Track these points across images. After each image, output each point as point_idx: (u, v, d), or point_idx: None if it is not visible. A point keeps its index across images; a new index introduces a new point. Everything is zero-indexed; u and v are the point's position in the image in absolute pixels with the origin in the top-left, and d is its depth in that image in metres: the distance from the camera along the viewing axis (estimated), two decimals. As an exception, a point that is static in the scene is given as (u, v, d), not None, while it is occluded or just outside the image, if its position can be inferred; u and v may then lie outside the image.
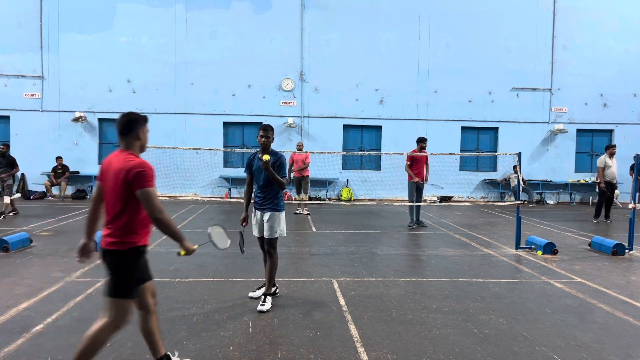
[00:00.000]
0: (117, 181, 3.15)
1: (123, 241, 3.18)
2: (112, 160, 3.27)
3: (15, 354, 3.86)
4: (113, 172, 3.18)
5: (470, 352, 4.05)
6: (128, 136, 3.27)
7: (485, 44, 17.93)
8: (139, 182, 3.09)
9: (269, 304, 5.08)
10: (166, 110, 17.48)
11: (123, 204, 3.16)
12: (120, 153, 3.27)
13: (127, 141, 3.28)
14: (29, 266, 6.70)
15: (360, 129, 18.16)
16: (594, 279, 6.57)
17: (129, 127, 3.27)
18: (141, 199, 3.11)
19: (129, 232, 3.19)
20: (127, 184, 3.11)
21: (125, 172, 3.11)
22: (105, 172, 3.28)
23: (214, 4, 17.45)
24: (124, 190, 3.13)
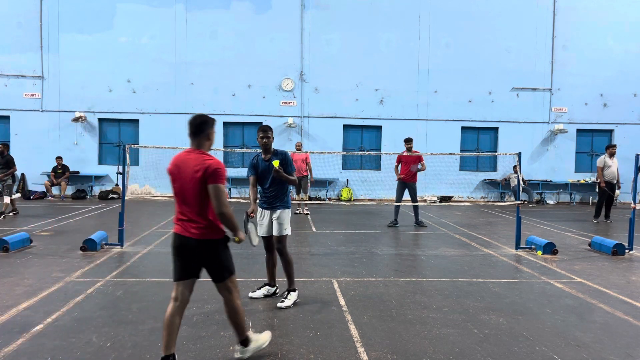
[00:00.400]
0: (196, 178, 3.46)
1: (217, 231, 3.57)
2: (185, 158, 3.58)
3: (15, 354, 3.86)
4: (191, 170, 3.50)
5: (470, 352, 4.05)
6: (199, 136, 3.61)
7: (485, 44, 17.93)
8: (214, 178, 3.44)
9: (290, 301, 5.13)
10: (166, 110, 17.48)
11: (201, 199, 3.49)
12: (192, 152, 3.60)
13: (199, 141, 3.62)
14: (29, 266, 6.70)
15: (360, 129, 18.16)
16: (594, 279, 6.57)
17: (201, 128, 3.60)
18: (211, 193, 3.44)
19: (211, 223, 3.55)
20: (204, 180, 3.44)
21: (203, 169, 3.44)
22: (179, 169, 3.59)
23: (214, 4, 17.45)
24: (202, 185, 3.46)
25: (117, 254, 7.60)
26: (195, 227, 3.52)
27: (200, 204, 3.51)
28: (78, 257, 7.31)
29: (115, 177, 17.41)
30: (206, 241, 3.54)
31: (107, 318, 4.69)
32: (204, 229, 3.52)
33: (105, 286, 5.78)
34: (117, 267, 6.71)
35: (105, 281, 5.99)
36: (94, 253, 7.57)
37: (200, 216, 3.53)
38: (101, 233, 8.20)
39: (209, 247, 3.57)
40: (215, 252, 3.59)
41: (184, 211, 3.59)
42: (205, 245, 3.55)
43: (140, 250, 7.90)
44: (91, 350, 3.94)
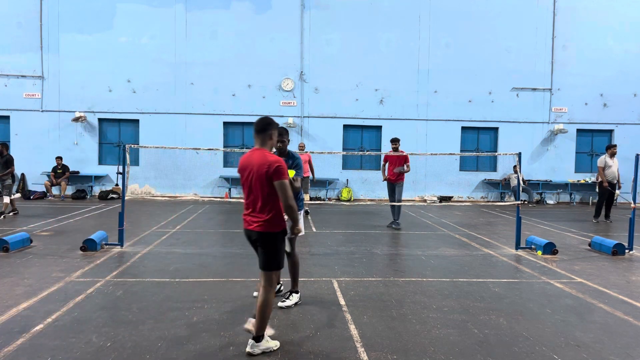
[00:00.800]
0: (261, 175, 3.83)
1: (276, 224, 3.90)
2: (250, 157, 3.96)
3: (15, 354, 3.86)
4: (256, 168, 3.86)
5: (470, 352, 4.05)
6: (263, 135, 4.00)
7: (485, 44, 17.93)
8: (278, 175, 3.79)
9: (291, 302, 5.15)
10: (166, 110, 17.48)
11: (270, 194, 3.86)
12: (256, 150, 3.98)
13: (262, 138, 4.00)
14: (29, 266, 6.70)
15: (360, 129, 18.16)
16: (594, 279, 6.57)
17: (265, 127, 4.00)
18: (278, 188, 3.82)
19: (279, 217, 3.92)
20: (269, 177, 3.80)
21: (267, 166, 3.79)
22: (246, 167, 3.96)
23: (214, 4, 17.45)
24: (269, 182, 3.82)
25: (117, 254, 7.60)
26: (257, 221, 3.91)
27: (263, 199, 3.87)
28: (78, 257, 7.31)
29: (115, 177, 17.41)
30: (263, 233, 3.90)
31: (107, 318, 4.69)
32: (264, 223, 3.88)
33: (105, 286, 5.78)
34: (117, 267, 6.71)
35: (105, 281, 5.99)
36: (94, 253, 7.57)
37: (262, 211, 3.89)
38: (101, 233, 8.20)
39: (268, 239, 3.92)
40: (272, 244, 3.94)
41: (248, 206, 3.99)
42: (265, 237, 3.91)
43: (140, 250, 7.90)
44: (91, 350, 3.93)
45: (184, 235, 9.48)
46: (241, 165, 4.04)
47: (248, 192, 3.96)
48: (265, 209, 3.88)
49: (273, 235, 3.91)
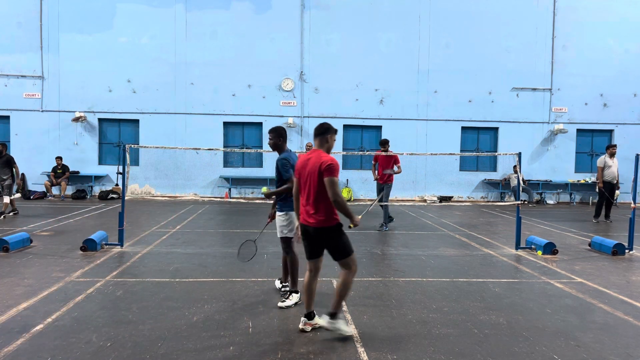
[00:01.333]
0: (315, 173, 4.21)
1: (330, 219, 4.25)
2: (308, 157, 4.35)
3: (15, 354, 3.86)
4: (312, 167, 4.24)
5: (470, 352, 4.05)
6: (320, 137, 4.41)
7: (485, 44, 17.93)
8: (328, 172, 4.15)
9: (290, 302, 5.17)
10: (166, 110, 17.48)
11: (322, 191, 4.19)
12: (314, 152, 4.36)
13: (320, 141, 4.41)
14: (29, 266, 6.70)
15: (360, 129, 18.16)
16: (594, 279, 6.57)
17: (324, 131, 4.41)
18: (327, 184, 4.14)
19: (332, 212, 4.25)
20: (321, 174, 4.17)
21: (319, 165, 4.19)
22: (305, 167, 4.32)
23: (214, 4, 17.45)
24: (320, 179, 4.18)
25: (117, 254, 7.60)
26: (313, 217, 4.26)
27: (318, 196, 4.23)
28: (78, 257, 7.31)
29: (115, 177, 17.41)
30: (320, 229, 4.26)
31: (107, 318, 4.69)
32: (319, 218, 4.23)
33: (105, 286, 5.78)
34: (117, 267, 6.71)
35: (105, 281, 5.99)
36: (94, 253, 7.57)
37: (317, 207, 4.24)
38: (101, 233, 8.20)
39: (324, 234, 4.29)
40: (330, 238, 4.30)
41: (305, 203, 4.34)
42: (321, 232, 4.28)
43: (140, 250, 7.90)
44: (91, 350, 3.94)
45: (184, 235, 9.48)
46: (300, 165, 4.41)
47: (307, 190, 4.31)
48: (320, 205, 4.23)
49: (329, 229, 4.26)
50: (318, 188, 4.21)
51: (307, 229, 4.35)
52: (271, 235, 9.57)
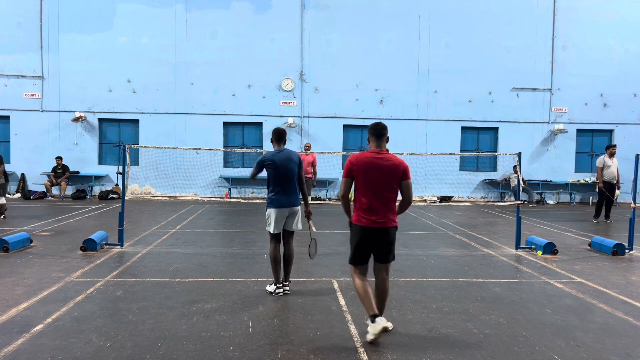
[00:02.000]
0: (391, 174, 4.24)
1: (395, 220, 4.35)
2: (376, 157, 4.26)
3: (15, 354, 3.86)
4: (386, 168, 4.22)
5: (470, 352, 4.05)
6: (382, 139, 4.36)
7: (485, 44, 17.93)
8: (407, 175, 4.30)
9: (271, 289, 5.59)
10: (166, 110, 17.48)
11: (396, 191, 4.28)
12: (378, 152, 4.31)
13: (381, 142, 4.37)
14: (29, 266, 6.70)
15: (360, 129, 18.15)
16: (594, 279, 6.57)
17: (384, 132, 4.36)
18: (407, 187, 4.31)
19: (395, 213, 4.35)
20: (400, 177, 4.25)
21: (398, 167, 4.24)
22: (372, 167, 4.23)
23: (214, 4, 17.45)
24: (397, 182, 4.25)
25: (117, 254, 7.60)
26: (384, 217, 4.25)
27: (392, 197, 4.29)
28: (78, 257, 7.31)
29: (115, 177, 17.41)
30: (390, 229, 4.30)
31: (107, 318, 4.69)
32: (392, 217, 4.30)
33: (105, 286, 5.78)
34: (117, 267, 6.71)
35: (105, 281, 5.99)
36: (94, 253, 7.57)
37: (391, 208, 4.29)
38: (101, 233, 8.20)
39: (392, 235, 4.33)
40: (393, 238, 4.36)
41: (377, 204, 4.25)
42: (390, 233, 4.31)
43: (140, 250, 7.91)
44: (91, 350, 3.93)
45: (184, 235, 9.48)
46: (364, 166, 4.26)
47: (374, 192, 4.24)
48: (393, 205, 4.32)
49: (394, 230, 4.35)
50: (394, 190, 4.27)
51: (374, 231, 4.26)
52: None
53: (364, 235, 4.28)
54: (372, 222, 4.25)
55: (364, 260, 4.37)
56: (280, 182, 5.55)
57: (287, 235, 5.75)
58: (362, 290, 4.27)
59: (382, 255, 4.34)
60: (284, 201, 5.55)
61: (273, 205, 5.56)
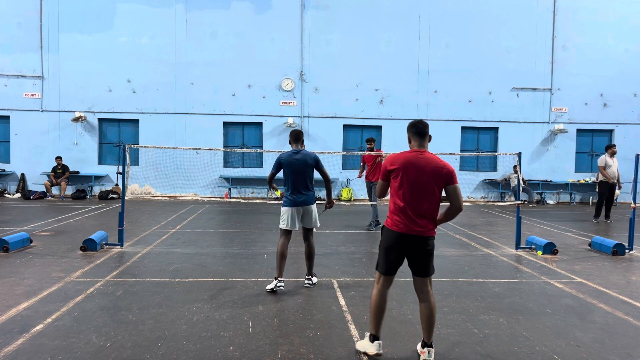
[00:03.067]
0: (435, 177, 3.77)
1: (434, 229, 3.86)
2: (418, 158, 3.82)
3: (15, 354, 3.86)
4: (430, 170, 3.77)
5: (470, 352, 4.05)
6: (425, 138, 3.94)
7: (485, 44, 17.93)
8: (454, 179, 3.82)
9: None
10: (166, 110, 17.48)
11: (439, 197, 3.84)
12: (422, 152, 3.87)
13: (424, 142, 3.94)
14: (29, 266, 6.70)
15: (360, 129, 18.16)
16: (594, 279, 6.57)
17: (426, 130, 3.96)
18: (454, 191, 3.82)
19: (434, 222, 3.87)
20: (446, 181, 3.79)
21: (442, 169, 3.78)
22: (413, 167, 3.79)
23: (214, 4, 17.45)
24: (441, 186, 3.81)
25: (117, 254, 7.60)
26: (425, 225, 3.80)
27: (435, 202, 3.83)
28: (78, 257, 7.31)
29: (115, 177, 17.41)
30: (429, 238, 3.82)
31: (107, 318, 4.69)
32: (430, 226, 3.83)
33: (105, 286, 5.78)
34: (117, 267, 6.71)
35: (105, 281, 5.99)
36: (94, 253, 7.57)
37: (429, 213, 3.82)
38: (101, 233, 8.20)
39: (430, 244, 3.84)
40: (432, 248, 3.87)
41: (414, 209, 3.78)
42: (427, 242, 3.82)
43: (140, 250, 7.91)
44: (91, 350, 3.93)
45: (184, 235, 9.48)
46: (403, 165, 3.81)
47: (418, 193, 3.78)
48: (435, 212, 3.85)
49: (433, 239, 3.88)
50: (439, 195, 3.85)
51: (411, 239, 3.78)
52: (272, 235, 9.60)
53: (399, 242, 3.80)
54: (409, 229, 3.77)
55: (392, 270, 3.91)
56: (293, 181, 5.84)
57: (306, 233, 6.03)
58: (377, 303, 3.88)
59: (421, 267, 3.85)
60: (298, 200, 5.83)
61: (287, 204, 5.85)
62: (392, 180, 3.88)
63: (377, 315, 3.88)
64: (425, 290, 3.90)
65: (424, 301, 3.89)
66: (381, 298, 3.90)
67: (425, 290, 3.90)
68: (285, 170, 5.89)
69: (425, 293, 3.89)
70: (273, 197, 17.32)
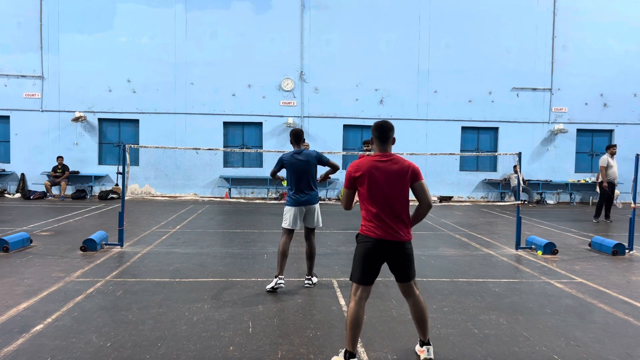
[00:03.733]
0: (402, 178, 3.70)
1: (409, 233, 3.77)
2: (381, 162, 3.71)
3: (15, 354, 3.86)
4: (395, 173, 3.67)
5: (470, 352, 4.05)
6: (387, 141, 3.80)
7: (485, 44, 17.93)
8: (418, 177, 3.75)
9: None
10: (166, 110, 17.48)
11: (407, 201, 3.75)
12: (385, 155, 3.75)
13: (387, 146, 3.81)
14: (29, 266, 6.70)
15: (360, 129, 18.16)
16: (594, 279, 6.57)
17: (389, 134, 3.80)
18: (420, 189, 3.75)
19: (409, 225, 3.78)
20: (410, 180, 3.71)
21: (407, 169, 3.70)
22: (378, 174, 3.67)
23: (214, 4, 17.45)
24: (408, 185, 3.72)
25: (117, 254, 7.60)
26: (401, 229, 3.70)
27: (407, 203, 3.76)
28: (78, 257, 7.31)
29: (115, 177, 17.41)
30: (405, 243, 3.72)
31: (107, 318, 4.69)
32: (406, 230, 3.74)
33: (105, 286, 5.78)
34: (117, 267, 6.71)
35: (105, 281, 5.99)
36: (94, 253, 7.57)
37: (403, 218, 3.72)
38: (101, 233, 8.20)
39: (409, 248, 3.76)
40: (411, 252, 3.78)
41: (388, 214, 3.68)
42: (407, 246, 3.74)
43: (140, 250, 7.91)
44: (91, 350, 3.93)
45: (184, 235, 9.48)
46: (367, 172, 3.69)
47: (388, 197, 3.68)
48: (407, 214, 3.76)
49: (410, 244, 3.78)
50: (406, 197, 3.75)
51: (387, 244, 3.66)
52: (272, 235, 9.60)
53: (376, 249, 3.67)
54: (386, 234, 3.65)
55: (370, 280, 3.74)
56: (296, 181, 5.88)
57: (307, 232, 6.03)
58: (354, 316, 3.64)
59: (402, 273, 3.76)
60: (301, 200, 5.86)
61: (289, 203, 5.90)
62: (360, 188, 3.75)
63: (354, 330, 3.63)
64: (411, 293, 3.83)
65: (411, 302, 3.86)
66: (359, 311, 3.66)
67: (412, 292, 3.83)
68: (288, 170, 5.93)
69: (412, 295, 3.84)
70: (275, 195, 17.32)
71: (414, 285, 3.85)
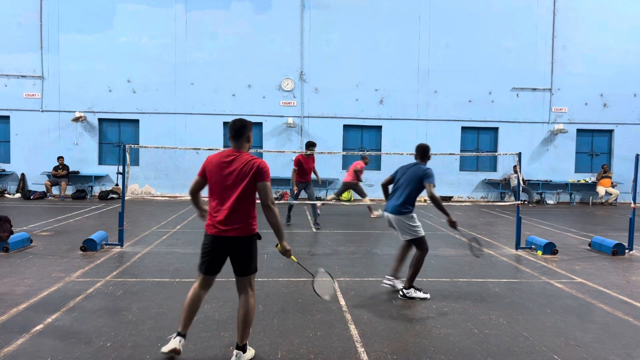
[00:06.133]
0: (242, 175, 3.71)
1: (247, 228, 3.78)
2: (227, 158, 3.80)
3: (15, 354, 3.86)
4: (237, 170, 3.72)
5: (470, 352, 4.05)
6: (240, 139, 3.90)
7: (485, 44, 17.93)
8: (262, 177, 3.72)
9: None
10: (166, 110, 17.48)
11: (247, 195, 3.74)
12: (233, 152, 3.84)
13: (240, 143, 3.90)
14: (29, 266, 6.70)
15: (360, 129, 18.16)
16: (594, 279, 6.57)
17: (241, 131, 3.90)
18: (261, 190, 3.74)
19: (251, 218, 3.80)
20: (252, 177, 3.69)
21: (250, 168, 3.70)
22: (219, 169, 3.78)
23: (214, 4, 17.45)
24: (248, 183, 3.70)
25: (117, 254, 7.60)
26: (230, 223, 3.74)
27: (243, 201, 3.74)
28: (78, 257, 7.31)
29: (115, 177, 17.41)
30: (236, 238, 3.77)
31: (107, 318, 4.69)
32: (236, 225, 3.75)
33: (105, 286, 5.78)
34: (117, 267, 6.71)
35: (105, 281, 5.99)
36: (94, 253, 7.57)
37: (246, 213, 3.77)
38: (101, 233, 8.20)
39: (244, 243, 3.80)
40: (249, 248, 3.83)
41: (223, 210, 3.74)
42: (241, 242, 3.79)
43: (140, 250, 7.90)
44: (91, 350, 3.93)
45: (184, 235, 9.48)
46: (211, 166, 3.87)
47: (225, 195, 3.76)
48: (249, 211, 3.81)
49: (249, 239, 3.84)
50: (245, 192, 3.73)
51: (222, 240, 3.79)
52: (272, 235, 9.58)
53: (212, 244, 3.86)
54: (219, 231, 3.76)
55: (208, 271, 3.95)
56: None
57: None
58: (189, 300, 3.88)
59: (237, 267, 3.85)
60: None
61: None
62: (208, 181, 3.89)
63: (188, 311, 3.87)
64: (243, 290, 3.84)
65: (241, 300, 3.82)
66: (195, 295, 3.90)
67: (244, 289, 3.83)
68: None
69: (243, 292, 3.83)
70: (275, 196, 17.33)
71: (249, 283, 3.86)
